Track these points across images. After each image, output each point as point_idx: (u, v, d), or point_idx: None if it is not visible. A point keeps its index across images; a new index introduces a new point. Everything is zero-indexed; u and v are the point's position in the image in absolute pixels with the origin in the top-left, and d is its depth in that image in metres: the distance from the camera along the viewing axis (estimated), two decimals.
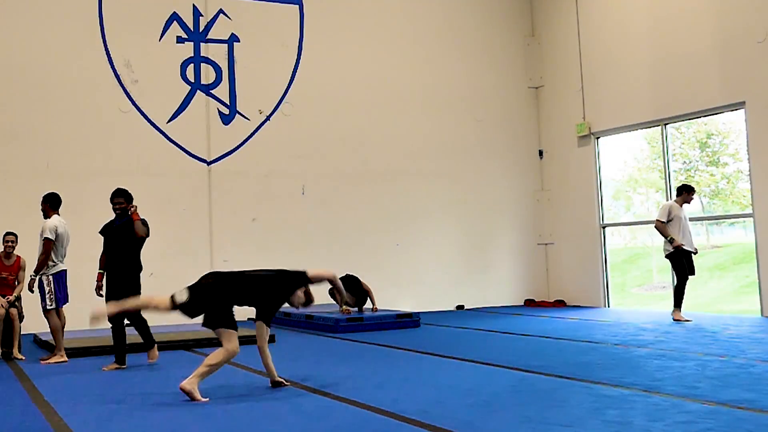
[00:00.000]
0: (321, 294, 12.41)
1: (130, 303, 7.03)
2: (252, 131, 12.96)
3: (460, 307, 13.89)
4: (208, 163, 12.68)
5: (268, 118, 13.08)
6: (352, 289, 11.09)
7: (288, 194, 13.10)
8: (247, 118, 12.94)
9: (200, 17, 12.79)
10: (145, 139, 12.33)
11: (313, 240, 13.03)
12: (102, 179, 11.98)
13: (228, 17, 12.95)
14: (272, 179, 13.03)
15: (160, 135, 12.42)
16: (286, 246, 12.88)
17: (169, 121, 12.49)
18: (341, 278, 11.15)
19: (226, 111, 12.85)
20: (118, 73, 12.25)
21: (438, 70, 14.25)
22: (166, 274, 10.50)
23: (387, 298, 12.66)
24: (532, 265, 14.64)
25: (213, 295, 5.97)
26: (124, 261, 7.82)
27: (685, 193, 10.63)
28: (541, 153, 14.89)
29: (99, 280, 7.96)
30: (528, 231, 14.70)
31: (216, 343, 9.30)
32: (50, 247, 8.10)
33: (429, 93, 14.15)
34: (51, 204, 8.35)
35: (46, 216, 8.30)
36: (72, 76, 12.01)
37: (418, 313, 11.71)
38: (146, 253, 8.16)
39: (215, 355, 5.95)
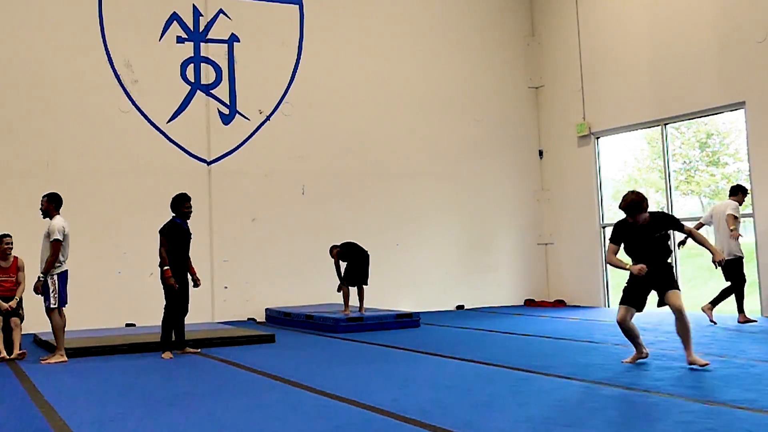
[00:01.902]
0: (322, 294, 12.46)
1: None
2: (252, 131, 12.96)
3: (460, 307, 13.89)
4: (208, 163, 12.68)
5: (268, 118, 13.08)
6: (353, 252, 10.90)
7: (288, 194, 13.09)
8: (247, 118, 12.94)
9: (200, 17, 12.79)
10: (145, 139, 12.33)
11: (313, 240, 13.01)
12: (102, 179, 12.01)
13: (228, 17, 12.95)
14: (272, 179, 13.02)
15: (160, 135, 12.42)
16: (286, 246, 12.89)
17: (169, 121, 12.49)
18: (342, 244, 11.04)
19: (226, 111, 12.85)
20: (118, 73, 12.25)
21: (438, 70, 14.24)
22: None
23: (387, 298, 12.67)
24: (532, 265, 14.64)
25: None
26: (186, 260, 8.71)
27: (741, 194, 10.09)
28: (541, 153, 14.89)
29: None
30: (528, 231, 14.69)
31: (216, 343, 9.29)
32: (59, 248, 8.13)
33: (429, 93, 14.15)
34: (55, 204, 8.36)
35: (49, 216, 8.29)
36: (72, 76, 12.01)
37: (418, 313, 11.70)
38: (147, 253, 8.18)
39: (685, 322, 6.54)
